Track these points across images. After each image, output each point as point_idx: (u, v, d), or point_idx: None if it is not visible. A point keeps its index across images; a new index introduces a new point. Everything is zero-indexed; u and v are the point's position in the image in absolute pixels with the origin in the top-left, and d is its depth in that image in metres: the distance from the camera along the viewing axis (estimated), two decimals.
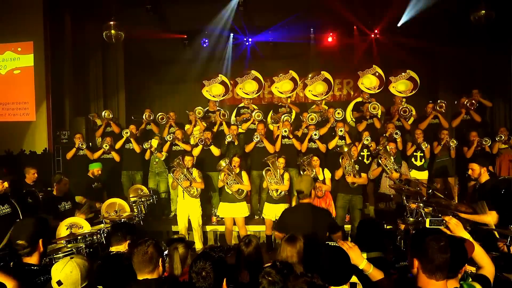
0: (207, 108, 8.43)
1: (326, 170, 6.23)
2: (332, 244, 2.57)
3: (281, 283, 2.25)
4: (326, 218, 3.68)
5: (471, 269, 2.37)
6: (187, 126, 8.15)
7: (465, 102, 7.25)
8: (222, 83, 8.75)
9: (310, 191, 3.56)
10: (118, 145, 7.37)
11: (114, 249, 3.33)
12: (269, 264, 2.54)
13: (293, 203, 6.29)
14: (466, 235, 2.26)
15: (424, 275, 1.87)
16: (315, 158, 6.18)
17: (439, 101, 7.46)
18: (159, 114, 7.82)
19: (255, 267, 2.89)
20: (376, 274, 2.38)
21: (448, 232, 2.22)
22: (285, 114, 7.68)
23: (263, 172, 6.18)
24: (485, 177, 4.25)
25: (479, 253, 2.22)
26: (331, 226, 3.61)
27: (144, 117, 7.95)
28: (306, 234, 2.95)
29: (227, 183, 6.09)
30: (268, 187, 6.10)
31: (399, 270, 2.79)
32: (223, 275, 2.26)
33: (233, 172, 6.07)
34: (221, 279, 2.25)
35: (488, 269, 2.19)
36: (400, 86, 8.22)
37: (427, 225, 2.38)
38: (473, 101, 7.18)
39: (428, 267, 1.86)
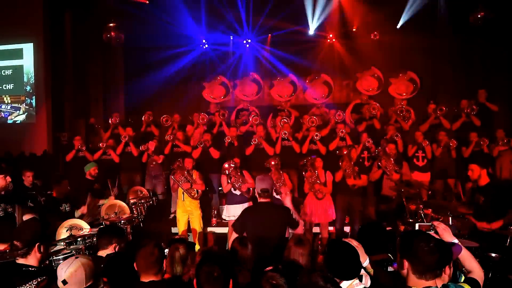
0: (208, 110, 8.43)
1: (328, 172, 6.20)
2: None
3: (285, 285, 2.23)
4: (285, 215, 3.76)
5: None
6: (188, 128, 8.13)
7: (465, 109, 7.23)
8: (223, 84, 8.74)
9: (272, 190, 3.63)
10: (119, 150, 7.32)
11: (101, 253, 3.14)
12: (270, 268, 2.53)
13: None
14: (453, 240, 2.31)
15: (414, 275, 1.92)
16: (319, 159, 6.14)
17: (439, 105, 7.39)
18: (163, 116, 7.82)
19: (256, 267, 2.88)
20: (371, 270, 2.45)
21: (437, 237, 2.25)
22: (284, 118, 7.66)
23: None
24: (484, 179, 4.24)
25: (467, 258, 2.25)
26: (290, 223, 3.74)
27: (143, 119, 7.91)
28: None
29: (234, 184, 6.06)
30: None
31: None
32: (230, 277, 2.25)
33: (238, 173, 6.06)
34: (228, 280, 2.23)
35: (477, 272, 2.22)
36: (400, 87, 8.21)
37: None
38: (474, 106, 7.15)
39: (418, 268, 1.91)
